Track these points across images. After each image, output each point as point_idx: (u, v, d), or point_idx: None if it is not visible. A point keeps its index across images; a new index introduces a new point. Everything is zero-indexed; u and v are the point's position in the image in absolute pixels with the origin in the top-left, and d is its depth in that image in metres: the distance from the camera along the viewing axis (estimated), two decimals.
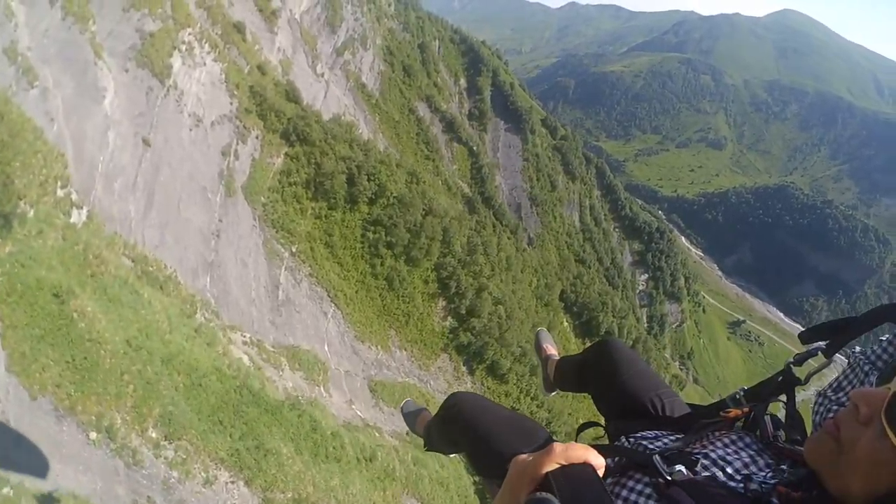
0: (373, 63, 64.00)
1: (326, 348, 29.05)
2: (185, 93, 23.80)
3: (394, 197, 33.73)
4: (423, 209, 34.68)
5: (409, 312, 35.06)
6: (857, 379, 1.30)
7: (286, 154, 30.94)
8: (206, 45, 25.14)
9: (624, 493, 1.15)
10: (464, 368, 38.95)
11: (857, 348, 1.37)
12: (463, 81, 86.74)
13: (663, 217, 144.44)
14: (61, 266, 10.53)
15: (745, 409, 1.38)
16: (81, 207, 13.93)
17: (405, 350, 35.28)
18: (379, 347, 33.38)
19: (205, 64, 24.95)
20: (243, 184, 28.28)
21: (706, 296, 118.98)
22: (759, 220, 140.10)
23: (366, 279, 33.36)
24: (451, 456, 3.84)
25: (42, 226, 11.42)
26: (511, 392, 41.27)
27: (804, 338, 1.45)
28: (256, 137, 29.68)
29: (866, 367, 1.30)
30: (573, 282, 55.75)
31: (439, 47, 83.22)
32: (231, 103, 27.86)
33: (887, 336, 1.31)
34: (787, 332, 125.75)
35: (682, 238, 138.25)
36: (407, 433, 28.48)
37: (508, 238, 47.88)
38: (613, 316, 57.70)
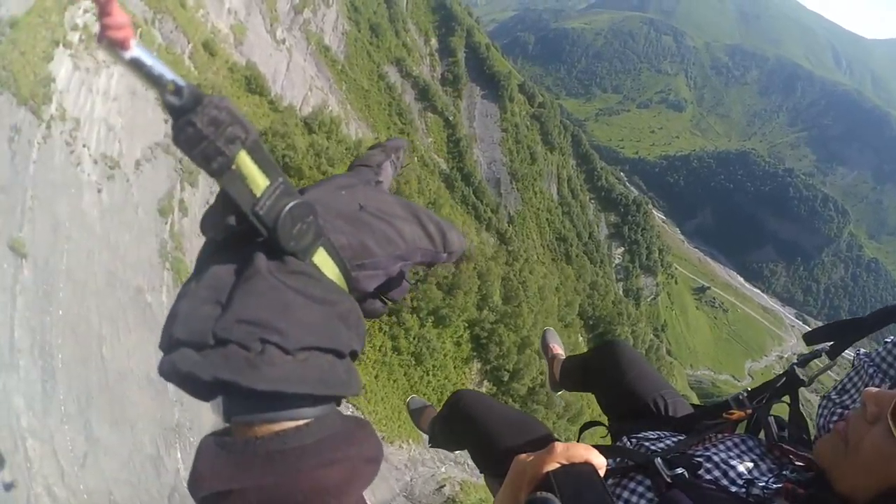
0: (336, 21, 50.81)
1: None
2: (83, 122, 12.37)
3: None
4: None
5: (441, 388, 26.12)
6: (861, 382, 1.26)
7: None
8: None
9: (625, 494, 1.13)
10: None
11: (862, 350, 1.32)
12: (434, 42, 74.58)
13: (625, 179, 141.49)
14: None
15: (748, 411, 1.34)
16: None
17: None
18: (410, 441, 24.54)
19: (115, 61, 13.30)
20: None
21: (674, 263, 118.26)
22: (720, 185, 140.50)
23: (387, 357, 23.81)
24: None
25: None
26: None
27: (809, 339, 1.39)
28: None
29: (871, 370, 1.25)
30: (590, 293, 48.67)
31: (407, 2, 70.19)
32: (166, 121, 16.32)
33: (892, 337, 1.27)
34: (748, 297, 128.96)
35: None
36: None
37: (541, 262, 39.20)
38: (628, 325, 51.93)
